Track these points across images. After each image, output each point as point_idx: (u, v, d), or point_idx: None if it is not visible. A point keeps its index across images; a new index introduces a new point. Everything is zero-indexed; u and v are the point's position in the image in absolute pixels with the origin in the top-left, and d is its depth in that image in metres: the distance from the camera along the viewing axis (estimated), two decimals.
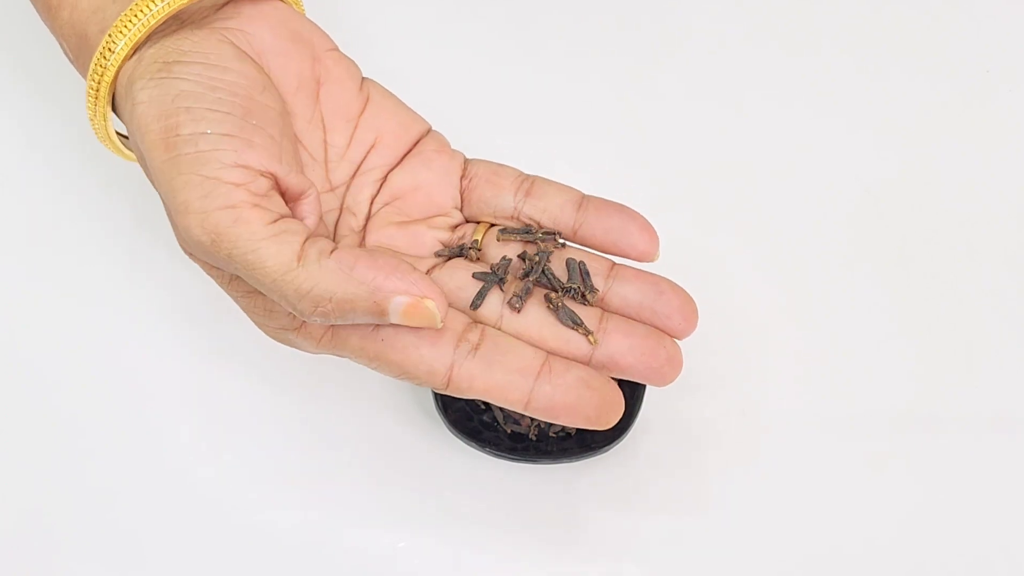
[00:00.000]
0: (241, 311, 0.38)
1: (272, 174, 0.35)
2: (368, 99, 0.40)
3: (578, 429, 0.45)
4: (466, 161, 0.40)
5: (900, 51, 0.52)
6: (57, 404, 0.47)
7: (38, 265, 0.49)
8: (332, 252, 0.34)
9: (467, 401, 0.44)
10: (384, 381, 0.47)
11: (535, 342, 0.36)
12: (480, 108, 0.51)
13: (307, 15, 0.41)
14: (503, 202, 0.39)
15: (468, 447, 0.45)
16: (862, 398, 0.46)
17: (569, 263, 0.38)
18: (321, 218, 0.37)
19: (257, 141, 0.35)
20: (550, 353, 0.36)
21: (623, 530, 0.45)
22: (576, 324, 0.36)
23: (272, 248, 0.33)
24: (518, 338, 0.36)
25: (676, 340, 0.37)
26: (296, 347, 0.38)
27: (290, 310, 0.34)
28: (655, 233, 0.38)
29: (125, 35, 0.36)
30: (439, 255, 0.39)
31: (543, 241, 0.38)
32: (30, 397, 0.47)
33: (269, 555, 0.45)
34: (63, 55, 0.41)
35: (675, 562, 0.44)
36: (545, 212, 0.39)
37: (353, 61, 0.41)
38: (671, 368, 0.37)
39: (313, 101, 0.39)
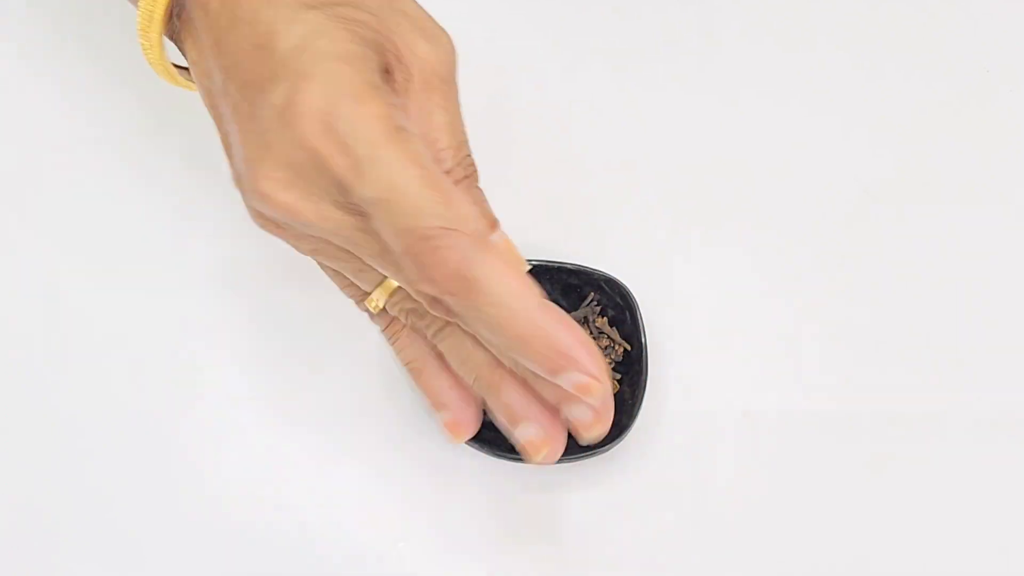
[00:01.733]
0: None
1: None
2: None
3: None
4: None
5: (898, 49, 0.52)
6: (57, 404, 0.47)
7: (35, 265, 0.49)
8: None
9: None
10: (384, 381, 0.47)
11: None
12: (480, 100, 0.51)
13: None
14: None
15: (468, 447, 0.45)
16: (862, 398, 0.47)
17: None
18: None
19: None
20: None
21: (623, 530, 0.45)
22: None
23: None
24: None
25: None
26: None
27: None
28: None
29: None
30: None
31: None
32: (30, 397, 0.47)
33: (268, 555, 0.45)
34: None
35: (675, 562, 0.45)
36: None
37: None
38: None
39: None
